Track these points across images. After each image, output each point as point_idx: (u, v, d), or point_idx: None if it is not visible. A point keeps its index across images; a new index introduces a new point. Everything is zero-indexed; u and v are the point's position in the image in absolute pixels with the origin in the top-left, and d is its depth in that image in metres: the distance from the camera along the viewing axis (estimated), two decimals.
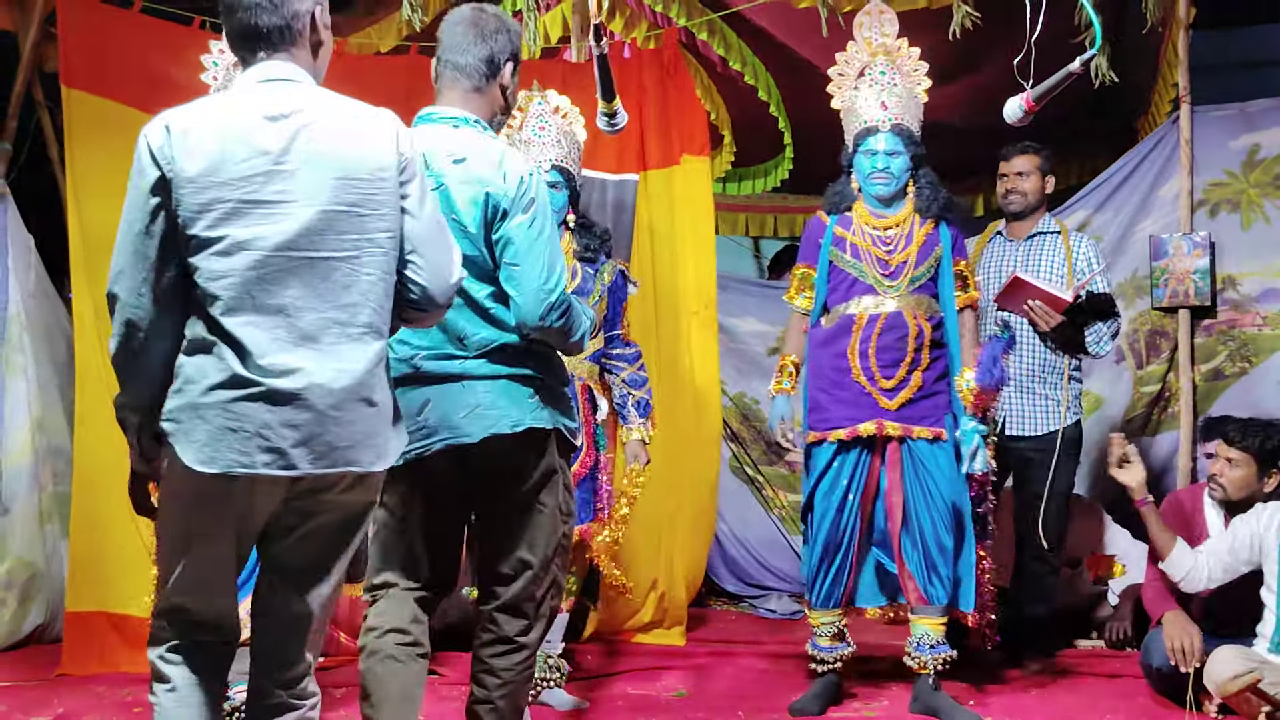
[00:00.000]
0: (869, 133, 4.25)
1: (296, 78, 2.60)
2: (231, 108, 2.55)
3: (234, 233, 2.45)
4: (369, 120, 2.59)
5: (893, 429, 4.20)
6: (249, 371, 2.44)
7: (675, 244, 5.50)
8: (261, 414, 2.44)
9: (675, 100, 5.55)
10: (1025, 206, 4.97)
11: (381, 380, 2.57)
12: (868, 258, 4.27)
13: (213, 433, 2.44)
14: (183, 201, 2.45)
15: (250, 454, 2.43)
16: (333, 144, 2.51)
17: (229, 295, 2.45)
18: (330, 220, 2.49)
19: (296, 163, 2.49)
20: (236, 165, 2.46)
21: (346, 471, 2.51)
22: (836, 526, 4.24)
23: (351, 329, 2.51)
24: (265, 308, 2.46)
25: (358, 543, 2.65)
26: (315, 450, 2.46)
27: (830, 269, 4.33)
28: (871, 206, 4.32)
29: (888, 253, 4.26)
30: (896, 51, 4.35)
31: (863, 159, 4.27)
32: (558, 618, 4.34)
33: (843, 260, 4.30)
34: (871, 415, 4.21)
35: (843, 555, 4.26)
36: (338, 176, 2.50)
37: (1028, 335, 4.85)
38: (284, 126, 2.50)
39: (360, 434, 2.51)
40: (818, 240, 4.37)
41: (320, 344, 2.48)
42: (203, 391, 2.45)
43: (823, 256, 4.34)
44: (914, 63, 4.36)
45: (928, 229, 4.29)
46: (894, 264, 4.24)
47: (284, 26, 2.59)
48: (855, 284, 4.27)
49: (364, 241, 2.52)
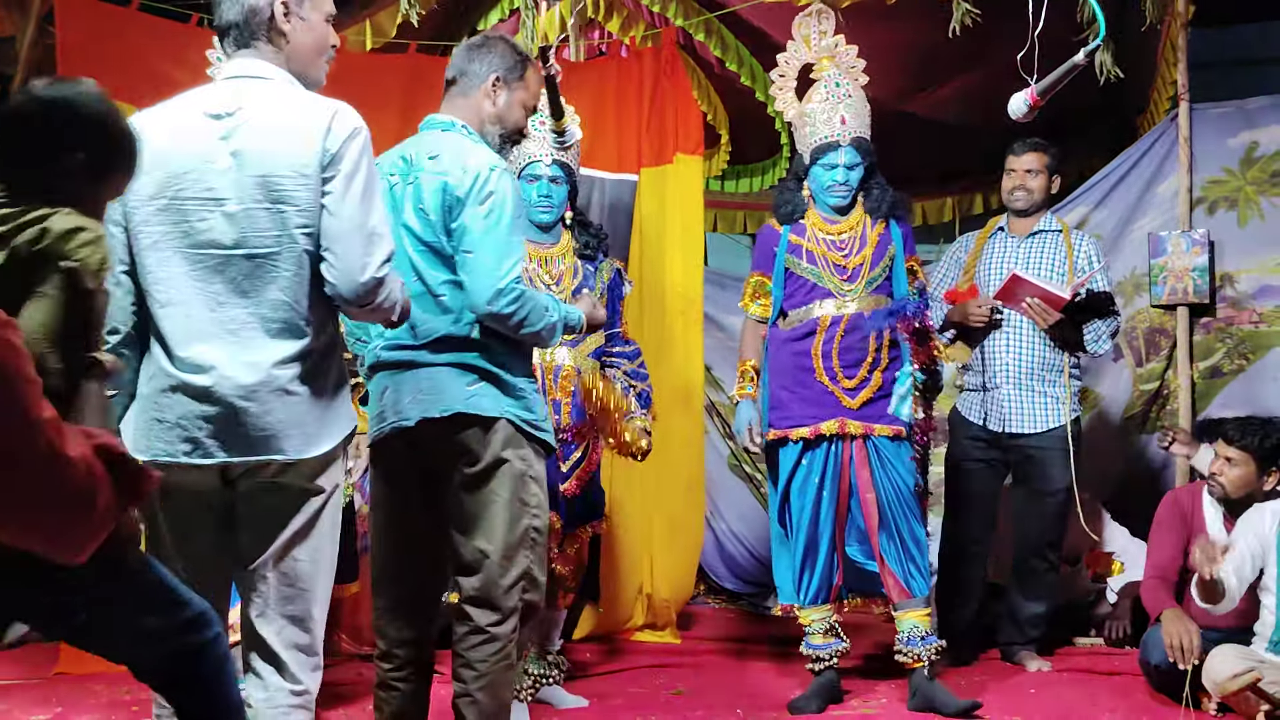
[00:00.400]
0: (830, 148, 4.31)
1: (261, 73, 2.66)
2: (182, 106, 2.66)
3: (164, 229, 2.58)
4: (303, 116, 2.62)
5: (854, 427, 4.26)
6: (172, 365, 2.57)
7: (665, 242, 5.51)
8: (181, 406, 2.57)
9: (671, 99, 5.56)
10: (1031, 204, 4.96)
11: (308, 371, 2.61)
12: (824, 264, 4.34)
13: (145, 423, 2.60)
14: (129, 199, 2.57)
15: (173, 443, 2.57)
16: (261, 142, 2.58)
17: (159, 291, 2.59)
18: (253, 217, 2.57)
19: (225, 161, 2.57)
20: (174, 163, 2.58)
21: (270, 460, 2.58)
22: (815, 523, 4.28)
23: (272, 324, 2.59)
24: (191, 303, 2.58)
25: (315, 533, 2.67)
26: (230, 440, 2.56)
27: (787, 275, 4.40)
28: (824, 213, 4.40)
29: (844, 257, 4.34)
30: (840, 54, 4.41)
31: (822, 172, 4.34)
32: (556, 615, 4.35)
33: (800, 267, 4.37)
34: (834, 414, 4.27)
35: (825, 551, 4.29)
36: (260, 174, 2.57)
37: (1027, 333, 4.85)
38: (221, 125, 2.60)
39: (278, 423, 2.57)
40: (772, 249, 4.43)
41: (239, 338, 2.57)
42: (145, 384, 2.63)
43: (778, 264, 4.41)
44: (853, 60, 4.43)
45: (879, 229, 4.37)
46: (850, 267, 4.32)
47: (241, 22, 2.67)
48: (814, 289, 4.34)
49: (285, 238, 2.58)
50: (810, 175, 4.37)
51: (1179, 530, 4.50)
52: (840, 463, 4.29)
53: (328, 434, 2.65)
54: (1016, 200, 4.97)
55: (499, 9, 6.03)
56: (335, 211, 2.60)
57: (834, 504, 4.28)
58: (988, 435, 4.90)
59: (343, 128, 2.61)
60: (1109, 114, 6.32)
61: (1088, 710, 4.20)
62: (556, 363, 4.29)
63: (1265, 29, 6.56)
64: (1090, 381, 5.72)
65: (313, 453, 2.62)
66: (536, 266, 4.32)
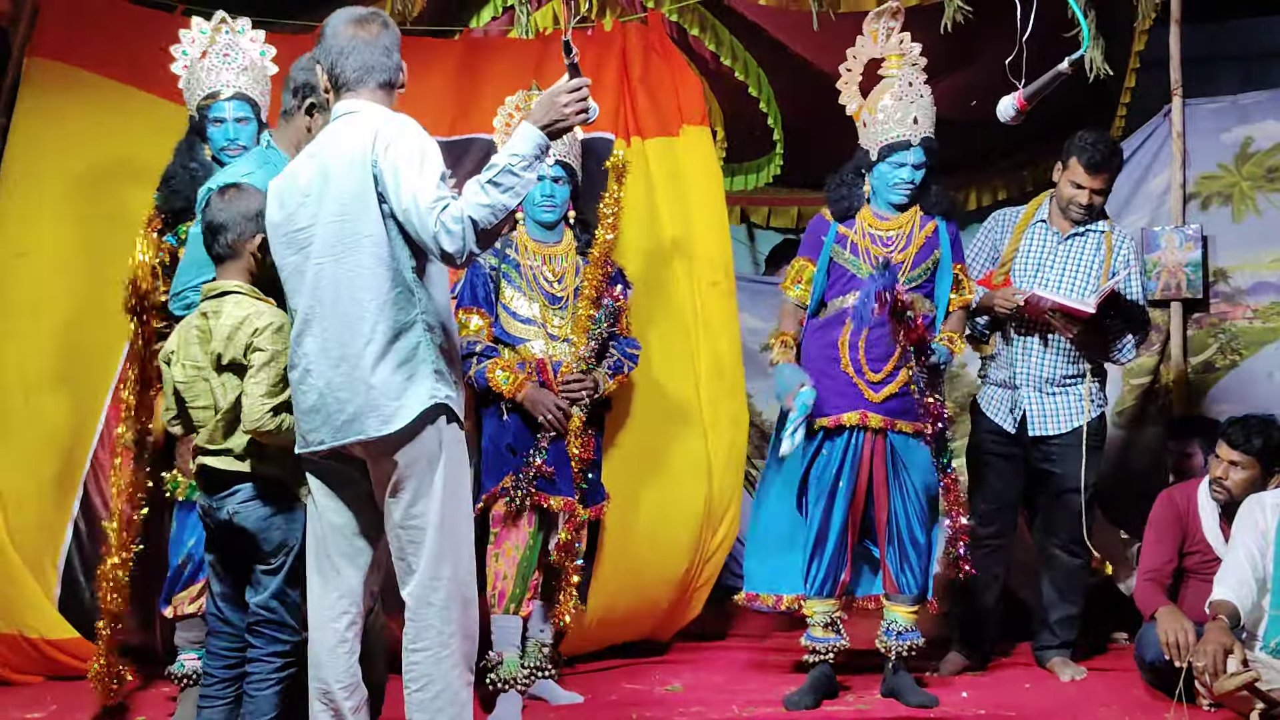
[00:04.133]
0: (901, 147, 4.28)
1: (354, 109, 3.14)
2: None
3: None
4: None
5: (875, 421, 4.27)
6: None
7: (688, 215, 5.28)
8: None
9: (667, 73, 5.42)
10: (1084, 219, 4.74)
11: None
12: (866, 256, 4.32)
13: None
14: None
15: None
16: (329, 171, 3.06)
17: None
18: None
19: (316, 191, 3.07)
20: (289, 200, 3.13)
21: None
22: (828, 514, 4.29)
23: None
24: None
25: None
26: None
27: (830, 265, 4.38)
28: (879, 208, 4.38)
29: (887, 251, 4.31)
30: (910, 52, 4.35)
31: (890, 169, 4.31)
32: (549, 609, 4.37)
33: (843, 257, 4.37)
34: (856, 405, 4.28)
35: (835, 543, 4.29)
36: (332, 196, 3.01)
37: (1052, 338, 4.70)
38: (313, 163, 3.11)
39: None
40: (821, 237, 4.41)
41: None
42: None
43: (824, 254, 4.39)
44: (916, 57, 4.37)
45: (929, 230, 4.36)
46: (892, 264, 4.25)
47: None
48: (852, 279, 4.32)
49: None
50: (875, 171, 4.35)
51: (1174, 531, 4.50)
52: (859, 456, 4.29)
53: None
54: (1074, 213, 4.72)
55: (492, 6, 6.00)
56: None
57: (849, 497, 4.29)
58: (1009, 432, 4.78)
59: (379, 139, 3.08)
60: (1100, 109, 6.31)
61: (1083, 706, 4.22)
62: (559, 357, 4.35)
63: (1259, 24, 6.56)
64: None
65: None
66: (540, 264, 4.38)
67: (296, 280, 3.12)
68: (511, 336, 4.37)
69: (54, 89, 5.00)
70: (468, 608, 3.11)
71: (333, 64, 3.14)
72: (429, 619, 3.05)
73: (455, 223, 2.88)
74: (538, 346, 4.37)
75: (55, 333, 4.81)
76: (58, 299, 4.83)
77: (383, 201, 3.00)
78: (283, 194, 3.16)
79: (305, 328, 3.09)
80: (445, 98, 5.23)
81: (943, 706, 4.20)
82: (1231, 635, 3.96)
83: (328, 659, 3.15)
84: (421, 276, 3.06)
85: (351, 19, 3.15)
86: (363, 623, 3.21)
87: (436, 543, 3.05)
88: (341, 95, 3.16)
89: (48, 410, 4.78)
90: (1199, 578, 4.43)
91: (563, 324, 4.39)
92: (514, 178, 2.93)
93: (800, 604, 4.41)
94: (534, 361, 4.33)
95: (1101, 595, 5.18)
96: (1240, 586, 4.12)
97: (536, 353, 4.36)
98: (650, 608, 5.13)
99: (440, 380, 3.06)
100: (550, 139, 3.02)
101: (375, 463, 3.09)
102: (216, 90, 4.20)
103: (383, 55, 3.13)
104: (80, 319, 4.78)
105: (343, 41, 3.13)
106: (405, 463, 3.04)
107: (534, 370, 4.30)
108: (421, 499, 3.05)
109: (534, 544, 4.24)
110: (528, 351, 4.35)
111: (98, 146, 4.96)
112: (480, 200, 2.90)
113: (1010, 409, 4.77)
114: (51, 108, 4.99)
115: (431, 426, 3.05)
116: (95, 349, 4.75)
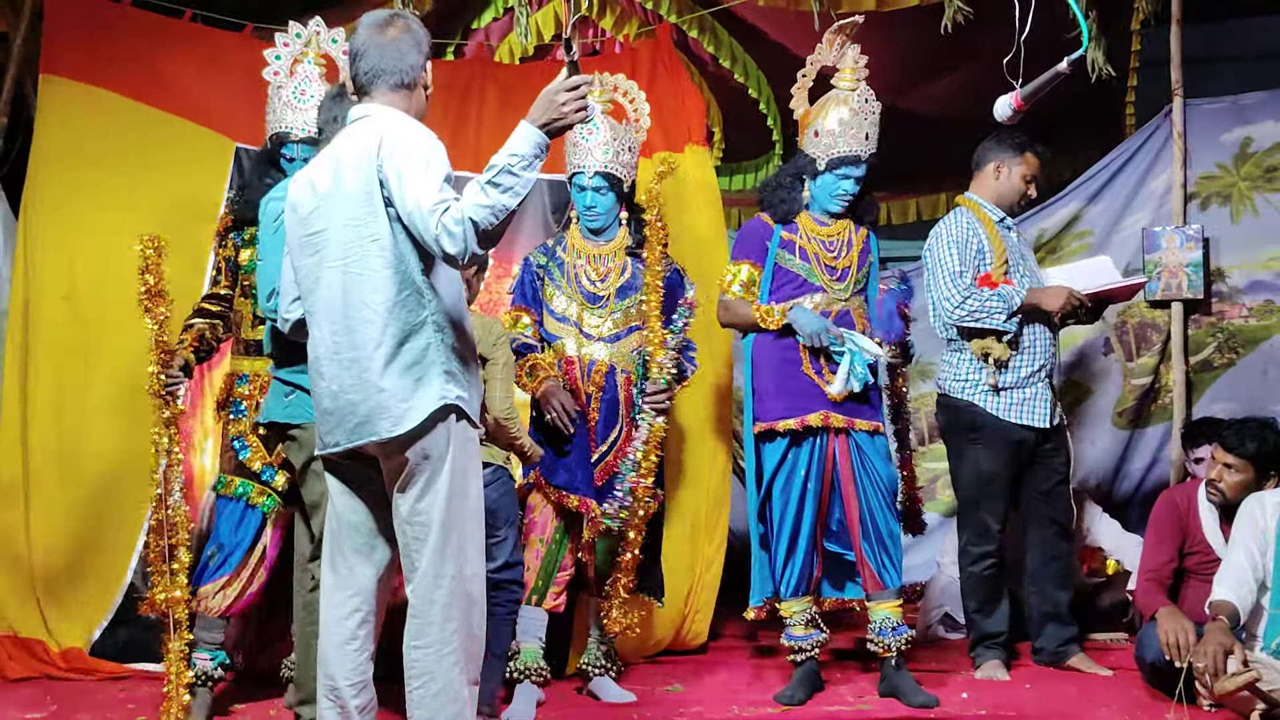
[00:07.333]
0: (851, 161, 4.38)
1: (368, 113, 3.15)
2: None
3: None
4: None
5: (837, 421, 4.34)
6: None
7: (697, 232, 5.38)
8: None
9: (674, 90, 5.49)
10: (1020, 211, 5.00)
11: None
12: (816, 261, 4.42)
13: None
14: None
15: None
16: (340, 175, 3.10)
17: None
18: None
19: (328, 196, 3.09)
20: (305, 205, 3.15)
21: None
22: (799, 517, 4.34)
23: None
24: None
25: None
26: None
27: (775, 270, 4.45)
28: (817, 215, 4.48)
29: (833, 257, 4.43)
30: (859, 67, 4.43)
31: (834, 181, 4.41)
32: (599, 603, 4.41)
33: (790, 262, 4.44)
34: (818, 407, 4.33)
35: (806, 544, 4.35)
36: (342, 200, 3.05)
37: (1039, 333, 4.70)
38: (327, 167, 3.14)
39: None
40: (765, 242, 4.47)
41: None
42: None
43: (769, 258, 4.45)
44: (863, 70, 4.46)
45: (861, 236, 4.50)
46: (839, 268, 4.42)
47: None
48: (804, 283, 4.42)
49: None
50: (820, 180, 4.42)
51: (1174, 531, 4.50)
52: (824, 457, 4.36)
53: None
54: (1018, 206, 4.85)
55: (493, 8, 6.02)
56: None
57: (817, 499, 4.36)
58: (1022, 434, 4.69)
59: (383, 147, 3.08)
60: (1101, 108, 6.31)
61: (1083, 706, 4.22)
62: (592, 356, 4.43)
63: (1259, 24, 6.56)
64: (1081, 377, 5.73)
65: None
66: (584, 262, 4.49)
67: (311, 283, 3.13)
68: (549, 334, 4.48)
69: (75, 114, 5.01)
70: (472, 606, 3.11)
71: (353, 68, 3.17)
72: (431, 616, 3.05)
73: (456, 224, 2.88)
74: (570, 345, 4.43)
75: (111, 370, 4.85)
76: (108, 334, 4.87)
77: (389, 205, 3.01)
78: (300, 199, 3.18)
79: (319, 331, 3.11)
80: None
81: (943, 706, 4.20)
82: (1232, 635, 3.96)
83: (336, 655, 3.15)
84: (431, 278, 3.06)
85: (370, 22, 3.17)
86: (376, 621, 3.21)
87: (440, 540, 3.06)
88: (360, 99, 3.18)
89: (109, 441, 4.85)
90: (1199, 578, 4.43)
91: (599, 323, 4.44)
92: (513, 178, 2.92)
93: (776, 605, 4.42)
94: (572, 360, 4.42)
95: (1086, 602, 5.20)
96: (1240, 587, 4.12)
97: (569, 351, 4.42)
98: (663, 621, 5.19)
99: (451, 381, 3.06)
100: (549, 138, 3.00)
101: (387, 459, 3.11)
102: (288, 131, 4.25)
103: (395, 58, 3.12)
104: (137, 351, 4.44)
105: (358, 45, 3.15)
106: (414, 459, 3.05)
107: (558, 367, 4.39)
108: (427, 496, 3.06)
109: (560, 539, 4.36)
110: (561, 349, 4.42)
111: (130, 173, 4.99)
112: (480, 201, 2.90)
113: (1048, 402, 4.71)
114: (71, 134, 5.00)
115: (442, 425, 3.06)
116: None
